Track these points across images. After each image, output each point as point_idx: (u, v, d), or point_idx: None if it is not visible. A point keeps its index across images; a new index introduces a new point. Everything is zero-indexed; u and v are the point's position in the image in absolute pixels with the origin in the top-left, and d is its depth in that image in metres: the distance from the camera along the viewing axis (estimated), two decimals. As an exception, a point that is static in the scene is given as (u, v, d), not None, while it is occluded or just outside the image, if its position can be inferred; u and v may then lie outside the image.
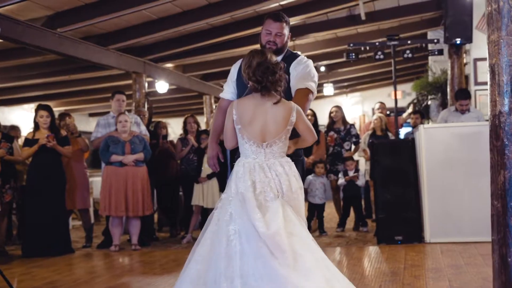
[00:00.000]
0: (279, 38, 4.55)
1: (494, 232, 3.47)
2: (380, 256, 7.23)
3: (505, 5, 3.37)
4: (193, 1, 9.08)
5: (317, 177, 9.43)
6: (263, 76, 3.87)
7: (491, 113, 3.47)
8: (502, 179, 3.39)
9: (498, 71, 3.41)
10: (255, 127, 3.92)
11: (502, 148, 3.40)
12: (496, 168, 3.44)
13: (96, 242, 9.15)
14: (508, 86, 3.36)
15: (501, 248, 3.40)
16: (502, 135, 3.39)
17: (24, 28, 8.17)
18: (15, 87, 14.14)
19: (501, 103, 3.39)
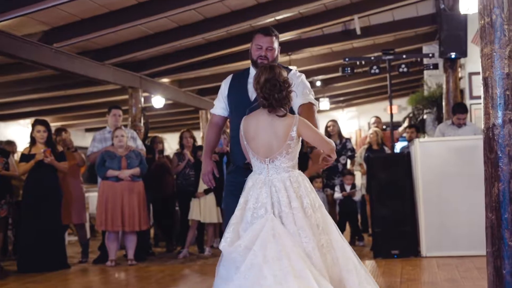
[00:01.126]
0: (270, 52, 4.51)
1: (488, 244, 3.48)
2: (377, 270, 7.21)
3: (497, 19, 3.40)
4: (189, 16, 9.11)
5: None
6: (269, 93, 3.89)
7: (485, 126, 3.49)
8: (496, 191, 3.40)
9: (492, 84, 3.43)
10: (258, 142, 3.96)
11: (496, 161, 3.41)
12: (490, 180, 3.46)
13: (93, 258, 9.12)
14: (501, 99, 3.38)
15: (495, 261, 3.41)
16: (495, 148, 3.41)
17: (20, 43, 8.20)
18: (11, 102, 14.14)
19: (494, 116, 3.41)
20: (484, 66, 3.48)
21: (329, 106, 17.75)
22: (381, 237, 8.19)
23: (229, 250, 3.76)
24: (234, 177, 4.50)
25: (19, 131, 15.99)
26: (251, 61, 4.60)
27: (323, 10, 10.14)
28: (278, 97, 3.90)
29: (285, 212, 3.83)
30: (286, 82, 3.94)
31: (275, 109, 3.93)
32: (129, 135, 8.96)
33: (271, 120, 3.96)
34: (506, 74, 3.38)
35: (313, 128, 3.99)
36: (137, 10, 8.28)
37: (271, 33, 4.54)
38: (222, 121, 4.83)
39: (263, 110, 3.98)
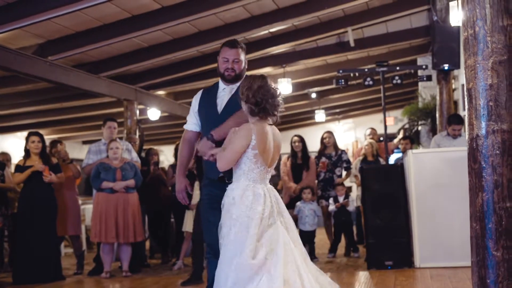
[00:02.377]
0: (237, 65, 4.56)
1: (473, 254, 3.51)
2: (370, 282, 7.23)
3: (480, 31, 3.44)
4: (183, 29, 9.17)
5: (306, 203, 9.41)
6: (263, 98, 3.96)
7: (469, 137, 3.53)
8: (480, 201, 3.44)
9: (475, 95, 3.47)
10: (269, 152, 4.05)
11: (479, 171, 3.45)
12: (474, 190, 3.49)
13: (88, 269, 9.13)
14: (484, 110, 3.42)
15: (480, 270, 3.44)
16: (479, 158, 3.45)
17: (15, 56, 8.25)
18: (7, 115, 14.17)
19: (478, 127, 3.45)
20: (468, 78, 3.52)
21: (325, 118, 17.81)
22: (374, 248, 8.20)
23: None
24: (210, 190, 4.55)
25: (16, 143, 15.98)
26: (219, 74, 4.64)
27: (317, 22, 10.21)
28: (272, 102, 3.97)
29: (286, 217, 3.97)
30: (277, 90, 4.05)
31: (266, 116, 3.99)
32: (124, 147, 8.99)
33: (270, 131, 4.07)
34: (489, 85, 3.42)
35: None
36: (130, 23, 8.34)
37: (237, 45, 4.60)
38: (195, 136, 4.84)
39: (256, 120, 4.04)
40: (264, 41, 10.56)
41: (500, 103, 3.40)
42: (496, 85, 3.41)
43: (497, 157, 3.40)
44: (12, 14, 7.21)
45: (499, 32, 3.42)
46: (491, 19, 3.43)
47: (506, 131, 3.39)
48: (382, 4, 10.00)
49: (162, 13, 8.21)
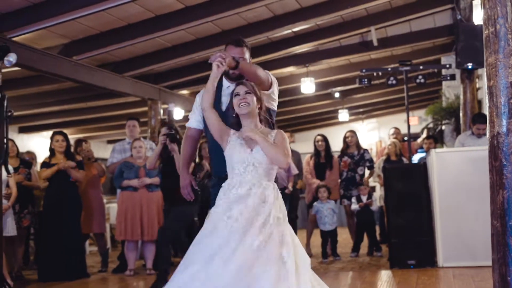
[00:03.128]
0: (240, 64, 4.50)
1: (494, 251, 3.51)
2: (392, 281, 7.23)
3: (501, 28, 3.44)
4: (206, 29, 9.21)
5: (323, 203, 9.38)
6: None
7: (490, 134, 3.53)
8: (501, 198, 3.44)
9: (496, 93, 3.47)
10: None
11: (500, 169, 3.45)
12: (495, 188, 3.50)
13: (112, 267, 9.21)
14: (505, 107, 3.43)
15: (501, 267, 3.44)
16: (500, 156, 3.45)
17: (40, 56, 8.34)
18: (33, 114, 14.34)
19: (499, 124, 3.45)
20: (489, 75, 3.53)
21: (348, 117, 17.75)
22: (397, 248, 8.20)
23: None
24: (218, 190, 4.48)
25: (42, 143, 16.14)
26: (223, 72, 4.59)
27: (340, 22, 10.19)
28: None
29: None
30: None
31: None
32: (148, 146, 9.08)
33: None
34: (510, 83, 3.42)
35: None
36: (154, 23, 8.39)
37: (242, 43, 4.63)
38: (197, 134, 4.88)
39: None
40: (287, 41, 10.56)
41: (521, 101, 3.41)
42: (517, 83, 3.41)
43: (518, 154, 3.40)
44: (37, 14, 7.31)
45: (520, 30, 3.42)
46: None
47: (527, 129, 3.39)
48: (405, 3, 9.95)
49: (185, 13, 8.25)
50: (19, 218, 8.56)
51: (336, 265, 8.74)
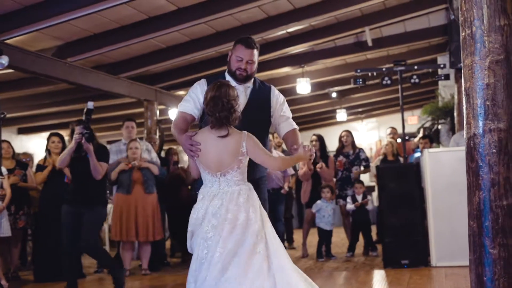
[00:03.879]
0: (250, 66, 4.51)
1: (471, 252, 3.54)
2: (385, 280, 7.26)
3: (477, 30, 3.47)
4: (200, 30, 9.25)
5: (327, 203, 9.40)
6: (213, 111, 4.00)
7: (467, 136, 3.55)
8: (477, 199, 3.47)
9: (472, 95, 3.50)
10: (208, 158, 4.08)
11: (476, 170, 3.48)
12: (471, 189, 3.52)
13: (108, 268, 9.26)
14: (481, 109, 3.45)
15: (477, 268, 3.47)
16: (476, 157, 3.48)
17: (34, 58, 8.38)
18: (31, 115, 14.40)
19: (475, 126, 3.47)
20: (466, 77, 3.55)
21: (346, 117, 17.77)
22: (391, 247, 8.20)
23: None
24: None
25: (41, 144, 16.19)
26: (229, 71, 4.58)
27: (334, 22, 10.23)
28: (220, 116, 3.99)
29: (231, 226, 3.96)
30: (230, 102, 4.00)
31: (220, 126, 4.04)
32: (144, 147, 9.09)
33: (220, 137, 4.06)
34: (486, 85, 3.44)
35: (259, 145, 4.09)
36: (147, 24, 8.43)
37: (253, 45, 4.52)
38: (191, 119, 4.51)
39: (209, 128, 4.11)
40: (282, 41, 10.60)
41: (496, 102, 3.43)
42: (493, 85, 3.44)
43: (493, 155, 3.43)
44: (30, 17, 7.34)
45: (496, 32, 3.45)
46: (488, 19, 3.46)
47: (503, 130, 3.42)
48: (399, 3, 9.99)
49: (178, 15, 8.29)
50: (14, 219, 8.59)
51: (330, 264, 8.76)
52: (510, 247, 3.39)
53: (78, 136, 6.60)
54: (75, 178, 7.00)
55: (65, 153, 6.82)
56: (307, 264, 8.91)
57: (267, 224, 4.10)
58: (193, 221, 4.09)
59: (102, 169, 6.80)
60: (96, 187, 6.86)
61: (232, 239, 3.90)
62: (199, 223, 4.04)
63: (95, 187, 6.85)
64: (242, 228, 3.94)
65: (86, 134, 6.59)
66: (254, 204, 4.07)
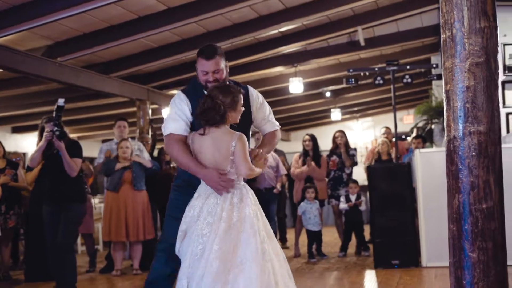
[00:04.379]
0: (218, 74, 4.31)
1: (450, 255, 3.53)
2: (374, 281, 7.26)
3: (458, 33, 3.45)
4: (191, 30, 9.22)
5: (311, 203, 9.38)
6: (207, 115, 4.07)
7: (447, 138, 3.54)
8: (457, 202, 3.46)
9: (453, 97, 3.48)
10: (203, 157, 4.12)
11: (456, 173, 3.47)
12: (451, 192, 3.51)
13: (100, 267, 9.24)
14: (461, 111, 3.43)
15: (456, 271, 3.46)
16: (456, 160, 3.47)
17: (23, 57, 8.35)
18: (25, 114, 14.37)
19: (455, 129, 3.46)
20: (446, 79, 3.53)
21: (340, 116, 17.76)
22: (381, 248, 8.21)
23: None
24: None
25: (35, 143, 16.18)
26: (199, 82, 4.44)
27: (327, 21, 10.21)
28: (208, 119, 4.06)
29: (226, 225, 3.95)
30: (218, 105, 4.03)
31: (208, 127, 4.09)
32: (135, 147, 9.07)
33: (214, 137, 4.08)
34: (466, 87, 3.42)
35: (245, 149, 4.08)
36: (137, 24, 8.41)
37: (213, 55, 4.32)
38: (185, 139, 4.28)
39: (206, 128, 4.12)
40: (275, 41, 10.58)
41: (477, 105, 3.41)
42: (473, 87, 3.42)
43: (473, 158, 3.41)
44: (19, 16, 7.30)
45: (476, 34, 3.42)
46: (468, 21, 3.43)
47: (483, 133, 3.40)
48: (391, 3, 9.96)
49: (168, 14, 8.26)
50: (4, 219, 8.57)
51: (322, 265, 8.76)
52: (489, 251, 3.38)
53: (49, 134, 6.44)
54: (49, 177, 6.86)
55: (36, 152, 6.66)
56: (298, 264, 8.91)
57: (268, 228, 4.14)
58: (189, 219, 4.08)
59: (77, 165, 6.64)
60: (71, 185, 6.69)
61: (229, 237, 3.90)
62: (195, 221, 4.04)
63: (71, 184, 6.68)
64: (238, 227, 3.94)
65: (57, 132, 6.43)
66: (249, 204, 4.07)
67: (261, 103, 4.58)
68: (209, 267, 3.83)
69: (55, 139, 6.42)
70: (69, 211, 6.67)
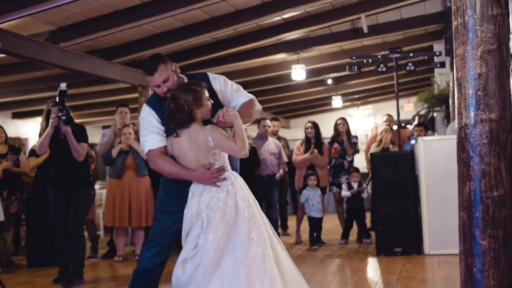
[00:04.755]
0: (169, 83, 4.28)
1: (460, 243, 3.52)
2: (377, 268, 7.27)
3: (470, 20, 3.44)
4: (194, 16, 9.17)
5: (313, 190, 9.39)
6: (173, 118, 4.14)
7: (458, 126, 3.53)
8: (467, 190, 3.45)
9: (464, 85, 3.47)
10: (186, 159, 4.17)
11: (467, 160, 3.46)
12: (462, 179, 3.50)
13: (102, 253, 9.25)
14: (473, 99, 3.42)
15: (467, 258, 3.46)
16: (467, 147, 3.45)
17: (26, 43, 8.30)
18: (26, 100, 14.34)
19: (466, 116, 3.45)
20: (457, 67, 3.52)
21: (341, 104, 17.75)
22: (384, 235, 8.23)
23: None
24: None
25: (36, 128, 16.16)
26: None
27: (330, 8, 10.15)
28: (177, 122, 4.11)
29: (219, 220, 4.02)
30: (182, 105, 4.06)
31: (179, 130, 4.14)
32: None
33: (189, 137, 4.10)
34: (478, 75, 3.41)
35: (223, 135, 4.09)
36: (141, 9, 8.34)
37: (154, 69, 4.26)
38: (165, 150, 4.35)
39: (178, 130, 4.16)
40: (278, 27, 10.54)
41: (488, 93, 3.40)
42: (485, 75, 3.41)
43: (484, 146, 3.40)
44: (22, 1, 7.23)
45: (489, 21, 3.41)
46: (481, 8, 3.42)
47: (494, 121, 3.39)
48: (395, -11, 9.95)
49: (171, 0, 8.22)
50: (6, 205, 8.57)
51: (323, 252, 8.77)
52: (500, 238, 3.38)
53: (55, 120, 6.42)
54: (57, 162, 6.86)
55: (43, 138, 6.62)
56: (300, 251, 8.92)
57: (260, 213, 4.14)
58: (188, 220, 4.13)
59: (83, 150, 6.68)
60: (79, 170, 6.76)
61: (223, 225, 3.95)
62: (195, 220, 4.09)
63: (78, 170, 6.75)
64: (232, 214, 3.98)
65: (63, 117, 6.42)
66: (242, 192, 4.10)
67: (223, 84, 4.52)
68: (204, 256, 3.91)
69: (61, 124, 6.40)
70: (79, 196, 6.75)
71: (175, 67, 4.39)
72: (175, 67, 4.39)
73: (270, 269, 3.90)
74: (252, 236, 3.94)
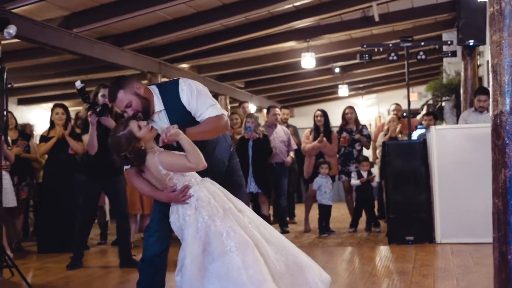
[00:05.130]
0: (133, 106, 4.19)
1: (495, 230, 3.52)
2: (390, 256, 7.27)
3: (507, 6, 3.42)
4: (206, 2, 9.16)
5: (325, 178, 9.40)
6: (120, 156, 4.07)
7: (493, 113, 3.51)
8: (503, 177, 3.44)
9: (500, 72, 3.45)
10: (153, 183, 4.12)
11: (503, 147, 3.44)
12: (497, 166, 3.49)
13: (112, 239, 9.25)
14: (509, 86, 3.41)
15: (501, 246, 3.45)
16: (503, 134, 3.44)
17: (40, 28, 8.28)
18: (33, 86, 14.28)
19: (502, 103, 3.43)
20: (493, 54, 3.50)
21: (348, 92, 17.74)
22: (396, 224, 8.22)
23: None
24: None
25: (41, 115, 16.14)
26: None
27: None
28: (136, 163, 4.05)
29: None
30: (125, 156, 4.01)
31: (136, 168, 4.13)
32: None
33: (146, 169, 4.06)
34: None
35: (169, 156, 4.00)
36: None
37: (114, 97, 4.21)
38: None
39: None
40: (288, 15, 10.51)
41: (524, 79, 3.39)
42: (521, 61, 3.40)
43: (520, 133, 3.39)
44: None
45: (526, 8, 3.40)
46: (517, -6, 3.41)
47: (530, 108, 3.38)
48: (407, -22, 9.92)
49: (185, -14, 8.23)
50: (17, 190, 8.56)
51: (334, 240, 8.77)
52: (535, 226, 3.37)
53: (92, 117, 6.43)
54: (98, 151, 6.81)
55: (91, 139, 6.67)
56: (310, 239, 8.92)
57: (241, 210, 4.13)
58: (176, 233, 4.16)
59: None
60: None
61: (197, 240, 3.92)
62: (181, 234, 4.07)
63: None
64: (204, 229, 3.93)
65: (97, 108, 6.39)
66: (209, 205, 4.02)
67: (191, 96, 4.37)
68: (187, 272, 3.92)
69: (98, 118, 6.41)
70: (119, 182, 7.09)
71: (137, 88, 4.22)
72: (137, 88, 4.22)
73: (255, 274, 3.77)
74: (229, 247, 3.84)
